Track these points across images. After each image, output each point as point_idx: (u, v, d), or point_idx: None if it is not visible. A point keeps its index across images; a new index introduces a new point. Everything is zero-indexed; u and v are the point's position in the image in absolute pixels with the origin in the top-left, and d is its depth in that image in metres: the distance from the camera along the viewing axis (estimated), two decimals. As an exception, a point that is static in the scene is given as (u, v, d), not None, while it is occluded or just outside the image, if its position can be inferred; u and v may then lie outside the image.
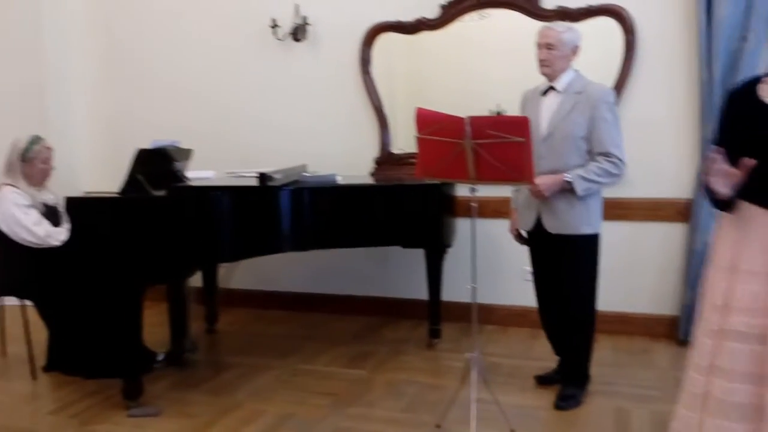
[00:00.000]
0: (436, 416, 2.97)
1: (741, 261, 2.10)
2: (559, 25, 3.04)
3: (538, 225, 3.02)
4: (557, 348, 3.29)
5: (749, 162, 1.96)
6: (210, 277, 4.30)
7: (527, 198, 3.03)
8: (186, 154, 3.82)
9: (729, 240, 2.16)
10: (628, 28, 3.89)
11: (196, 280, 3.98)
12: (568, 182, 2.88)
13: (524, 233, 3.17)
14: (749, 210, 2.11)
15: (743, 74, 3.59)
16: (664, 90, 3.93)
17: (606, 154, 2.89)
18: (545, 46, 2.93)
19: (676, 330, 3.95)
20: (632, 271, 4.02)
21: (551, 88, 2.99)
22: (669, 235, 3.98)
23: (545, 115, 2.96)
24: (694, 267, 3.80)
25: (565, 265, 3.04)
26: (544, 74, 2.98)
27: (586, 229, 2.99)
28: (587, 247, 3.02)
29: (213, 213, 3.10)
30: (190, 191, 3.35)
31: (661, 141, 3.94)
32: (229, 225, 3.12)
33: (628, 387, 3.29)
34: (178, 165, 3.68)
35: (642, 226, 4.00)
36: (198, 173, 3.91)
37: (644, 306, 4.07)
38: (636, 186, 3.95)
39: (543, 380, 3.32)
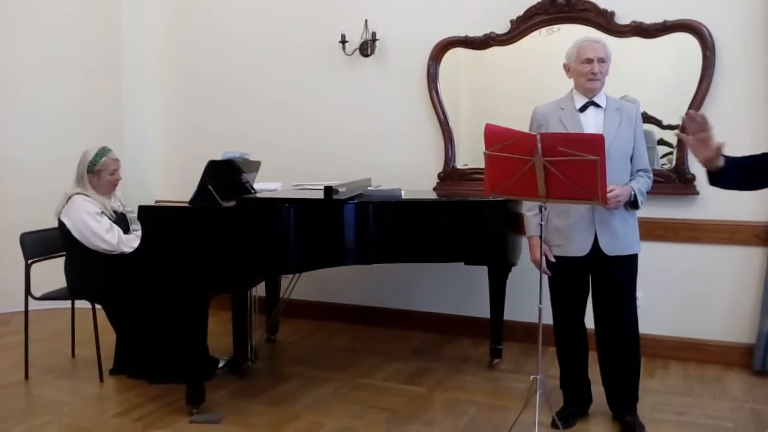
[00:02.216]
0: (497, 438, 2.90)
1: None
2: (602, 40, 3.00)
3: (594, 248, 2.88)
4: (604, 378, 3.07)
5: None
6: (273, 288, 4.35)
7: (580, 221, 2.88)
8: (254, 166, 3.89)
9: None
10: (707, 45, 3.76)
11: (259, 289, 4.03)
12: (633, 194, 2.83)
13: (552, 259, 2.95)
14: None
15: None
16: (743, 108, 3.77)
17: (646, 171, 2.92)
18: (598, 60, 2.87)
19: (751, 359, 3.76)
20: (706, 296, 3.86)
21: (592, 103, 2.91)
22: (746, 260, 3.80)
23: (592, 131, 2.87)
24: (773, 294, 3.62)
25: (621, 288, 2.93)
26: (593, 88, 2.90)
27: (637, 248, 2.94)
28: (636, 266, 2.96)
29: (279, 225, 3.13)
30: (257, 203, 3.39)
31: (739, 161, 3.77)
32: (294, 237, 3.14)
33: (699, 417, 3.15)
34: (246, 176, 3.74)
35: (717, 250, 3.84)
36: (265, 185, 3.97)
37: (718, 333, 3.89)
38: (712, 208, 3.81)
39: (564, 422, 3.01)
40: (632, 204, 2.86)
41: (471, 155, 4.42)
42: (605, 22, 3.96)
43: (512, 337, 4.03)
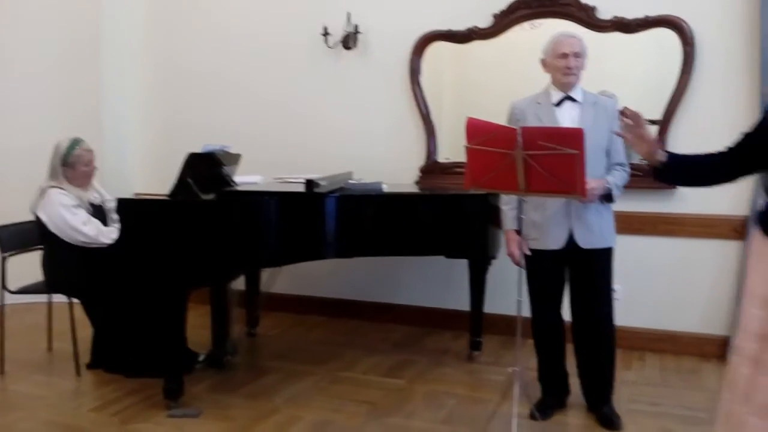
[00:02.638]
0: (476, 430, 2.91)
1: None
2: (578, 34, 3.02)
3: (569, 242, 2.91)
4: (580, 369, 3.10)
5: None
6: (253, 281, 4.33)
7: (556, 215, 2.90)
8: (235, 158, 3.86)
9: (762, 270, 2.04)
10: (687, 40, 3.79)
11: (238, 283, 4.01)
12: (608, 187, 2.86)
13: (528, 252, 2.95)
14: None
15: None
16: (722, 103, 3.81)
17: (622, 164, 2.93)
18: (573, 54, 2.89)
19: (726, 351, 3.81)
20: (683, 289, 3.91)
21: (567, 97, 2.93)
22: (722, 253, 3.85)
23: (568, 126, 2.88)
24: (748, 288, 3.67)
25: (597, 280, 2.96)
26: (569, 83, 2.92)
27: (612, 242, 2.97)
28: (611, 259, 2.98)
29: (259, 218, 3.11)
30: (237, 196, 3.37)
31: (716, 156, 3.81)
32: (274, 230, 3.13)
33: (675, 408, 3.18)
34: (226, 169, 3.71)
35: (694, 243, 3.89)
36: (246, 178, 3.94)
37: (694, 325, 3.94)
38: (689, 202, 3.85)
39: (543, 414, 3.04)
40: (606, 197, 2.89)
41: (453, 149, 4.42)
42: (587, 17, 3.98)
43: (492, 329, 4.05)
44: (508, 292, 3.27)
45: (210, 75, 5.05)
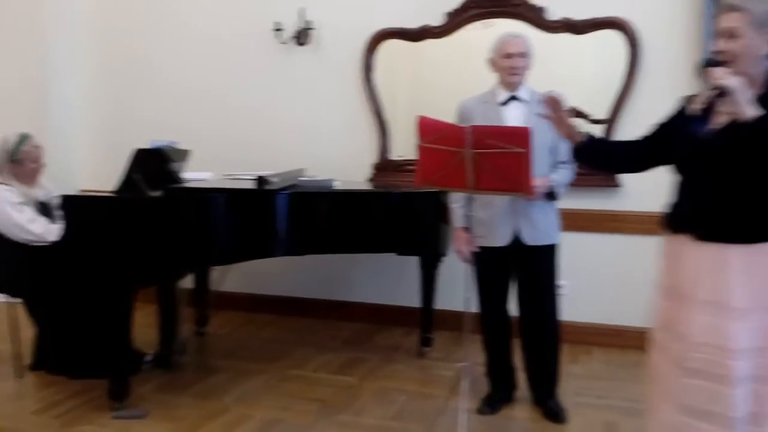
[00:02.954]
0: (426, 425, 2.94)
1: (681, 286, 2.06)
2: (523, 35, 3.06)
3: (515, 239, 2.96)
4: (526, 364, 3.15)
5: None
6: (202, 280, 4.26)
7: (502, 213, 2.95)
8: (183, 154, 3.80)
9: (669, 264, 2.15)
10: (633, 41, 3.89)
11: (187, 281, 3.94)
12: (552, 186, 2.91)
13: (476, 249, 3.00)
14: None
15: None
16: (665, 103, 3.79)
17: (567, 163, 2.98)
18: (518, 54, 2.93)
19: (669, 346, 3.93)
20: (627, 284, 4.00)
21: (513, 97, 2.97)
22: (664, 250, 3.97)
23: (514, 125, 2.93)
24: None
25: (542, 277, 3.02)
26: (513, 83, 2.96)
27: (556, 239, 3.03)
28: (555, 256, 3.04)
29: (208, 215, 3.07)
30: (185, 192, 3.32)
31: (659, 156, 3.93)
32: (223, 228, 3.09)
33: (619, 400, 3.27)
34: (175, 165, 3.65)
35: (638, 239, 3.99)
36: (195, 174, 3.88)
37: (639, 319, 4.03)
38: (633, 199, 3.95)
39: (491, 408, 3.12)
40: (550, 195, 2.93)
41: (407, 146, 4.42)
42: (537, 18, 4.04)
43: (443, 325, 4.08)
44: (458, 288, 3.30)
45: (159, 69, 4.95)
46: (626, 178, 3.93)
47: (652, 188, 3.91)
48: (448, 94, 4.26)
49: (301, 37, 4.51)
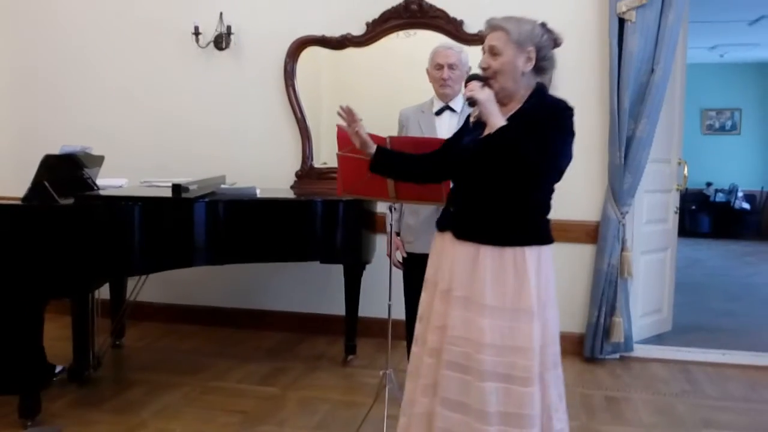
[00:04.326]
0: (349, 434, 2.95)
1: (442, 281, 2.18)
2: (456, 46, 3.12)
3: None
4: None
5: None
6: (118, 289, 4.12)
7: (428, 220, 2.94)
8: (97, 160, 3.67)
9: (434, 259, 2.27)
10: (545, 56, 4.03)
11: (102, 291, 3.81)
12: None
13: (405, 254, 3.08)
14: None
15: (650, 104, 3.82)
16: (576, 116, 4.06)
17: None
18: (449, 66, 2.98)
19: (582, 347, 4.10)
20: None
21: (447, 107, 3.04)
22: (577, 256, 4.14)
23: (445, 135, 2.99)
24: (600, 287, 3.97)
25: None
26: (446, 94, 3.01)
27: None
28: None
29: (122, 224, 2.98)
30: (98, 200, 3.21)
31: (571, 165, 4.06)
32: (139, 237, 3.01)
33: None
34: (87, 172, 3.53)
35: (553, 247, 4.12)
36: (109, 181, 3.77)
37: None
38: (548, 208, 4.09)
39: None
40: None
41: (332, 154, 4.42)
42: (455, 30, 4.14)
43: (367, 333, 4.11)
44: (382, 295, 3.33)
45: (72, 72, 4.76)
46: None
47: (565, 198, 4.07)
48: (374, 100, 4.32)
49: (221, 41, 4.44)
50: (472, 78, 2.11)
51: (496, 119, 2.01)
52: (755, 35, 7.96)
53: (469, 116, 2.25)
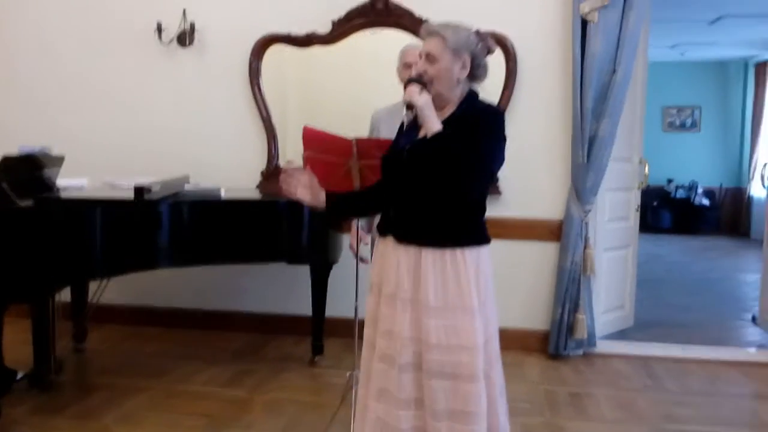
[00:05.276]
0: (316, 436, 2.95)
1: (387, 285, 2.20)
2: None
3: None
4: None
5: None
6: (79, 292, 4.04)
7: None
8: (57, 161, 3.59)
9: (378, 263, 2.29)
10: (510, 56, 4.08)
11: (63, 294, 3.73)
12: None
13: (367, 243, 3.11)
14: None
15: (612, 104, 3.88)
16: (541, 116, 4.15)
17: None
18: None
19: (546, 344, 4.16)
20: (508, 287, 4.16)
21: None
22: (542, 254, 4.19)
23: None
24: (563, 284, 4.02)
25: None
26: None
27: None
28: None
29: (83, 226, 2.92)
30: (58, 203, 3.14)
31: (536, 164, 4.15)
32: (101, 239, 2.96)
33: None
34: (47, 172, 3.45)
35: (517, 244, 4.19)
36: (70, 181, 3.68)
37: (518, 321, 4.24)
38: (512, 206, 4.14)
39: None
40: None
41: (299, 152, 4.40)
42: (420, 29, 4.13)
43: (334, 332, 4.10)
44: (349, 294, 3.33)
45: (31, 70, 4.64)
46: (506, 186, 4.11)
47: (529, 196, 4.18)
48: (341, 98, 4.31)
49: (185, 38, 4.38)
50: (411, 81, 2.14)
51: (433, 124, 2.07)
52: (714, 34, 8.14)
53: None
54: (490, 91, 4.06)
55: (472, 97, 2.20)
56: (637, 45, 3.96)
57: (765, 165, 4.67)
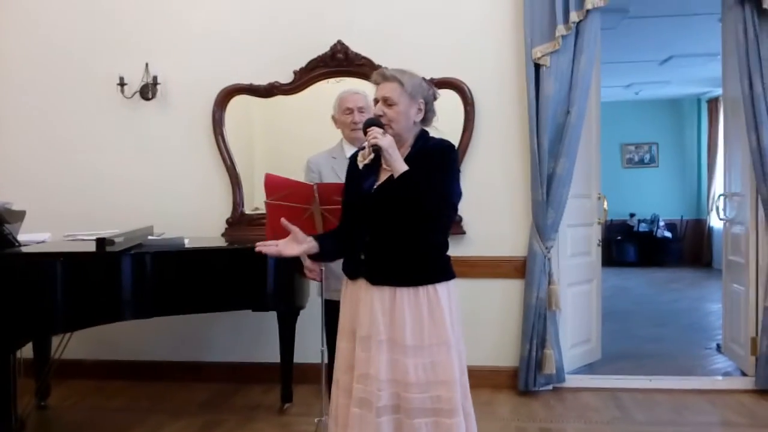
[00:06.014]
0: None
1: (361, 329, 2.23)
2: (361, 90, 3.20)
3: None
4: None
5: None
6: (41, 347, 3.95)
7: None
8: (18, 215, 3.55)
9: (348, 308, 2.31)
10: (468, 101, 4.20)
11: (25, 350, 3.65)
12: None
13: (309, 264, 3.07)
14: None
15: (568, 143, 4.00)
16: (499, 157, 4.26)
17: None
18: (358, 109, 3.07)
19: (516, 381, 4.17)
20: (475, 325, 4.17)
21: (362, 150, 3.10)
22: (507, 291, 4.25)
23: None
24: (530, 320, 4.07)
25: None
26: (356, 137, 3.02)
27: None
28: None
29: (44, 281, 2.89)
30: (18, 258, 3.10)
31: (498, 204, 4.24)
32: (61, 293, 2.92)
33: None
34: (8, 228, 3.41)
35: (483, 283, 4.23)
36: (32, 236, 3.64)
37: (487, 358, 4.26)
38: (477, 245, 4.21)
39: None
40: None
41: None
42: (379, 77, 4.24)
43: (303, 379, 4.05)
44: (317, 340, 3.32)
45: (-10, 124, 4.63)
46: (469, 225, 4.18)
47: (493, 235, 4.25)
48: (307, 144, 4.31)
49: (148, 91, 4.42)
50: (370, 124, 2.22)
51: (400, 164, 2.15)
52: (666, 74, 8.47)
53: (354, 161, 2.32)
54: (449, 135, 4.17)
55: (424, 135, 2.30)
56: (590, 86, 4.11)
57: (719, 197, 4.81)
